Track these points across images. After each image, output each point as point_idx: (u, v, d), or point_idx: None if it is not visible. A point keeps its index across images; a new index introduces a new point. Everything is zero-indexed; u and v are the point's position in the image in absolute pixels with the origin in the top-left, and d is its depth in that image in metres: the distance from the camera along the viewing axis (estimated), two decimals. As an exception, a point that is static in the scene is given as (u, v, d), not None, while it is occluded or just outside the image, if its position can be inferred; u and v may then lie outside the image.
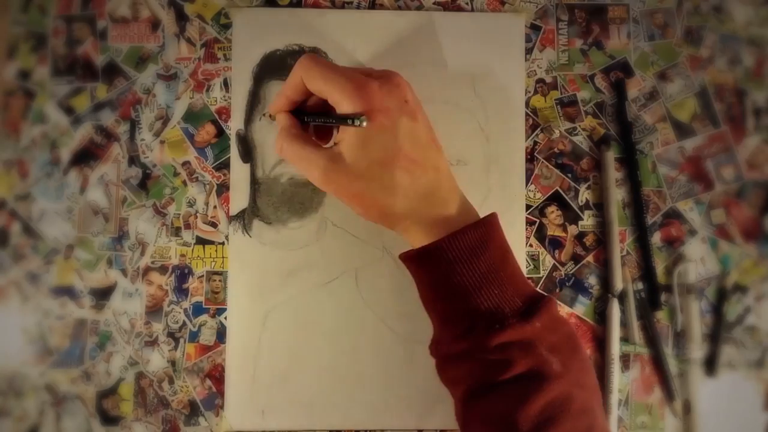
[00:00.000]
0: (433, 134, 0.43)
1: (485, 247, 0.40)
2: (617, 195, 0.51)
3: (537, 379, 0.38)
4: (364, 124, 0.39)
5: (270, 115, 0.47)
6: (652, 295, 0.50)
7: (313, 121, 0.43)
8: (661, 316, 0.50)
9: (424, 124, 0.43)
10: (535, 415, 0.37)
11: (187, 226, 0.51)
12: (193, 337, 0.50)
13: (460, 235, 0.40)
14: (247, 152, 0.51)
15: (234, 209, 0.50)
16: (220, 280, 0.50)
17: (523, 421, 0.37)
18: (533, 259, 0.51)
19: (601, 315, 0.50)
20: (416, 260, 0.42)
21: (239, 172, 0.51)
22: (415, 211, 0.41)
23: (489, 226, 0.41)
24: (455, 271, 0.39)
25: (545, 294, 0.41)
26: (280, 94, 0.44)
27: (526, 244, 0.51)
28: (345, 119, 0.39)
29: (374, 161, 0.40)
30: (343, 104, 0.40)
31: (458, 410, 0.42)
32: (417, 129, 0.41)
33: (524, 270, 0.50)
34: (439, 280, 0.40)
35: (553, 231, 0.51)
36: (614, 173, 0.51)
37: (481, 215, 0.42)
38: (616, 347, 0.49)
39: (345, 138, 0.40)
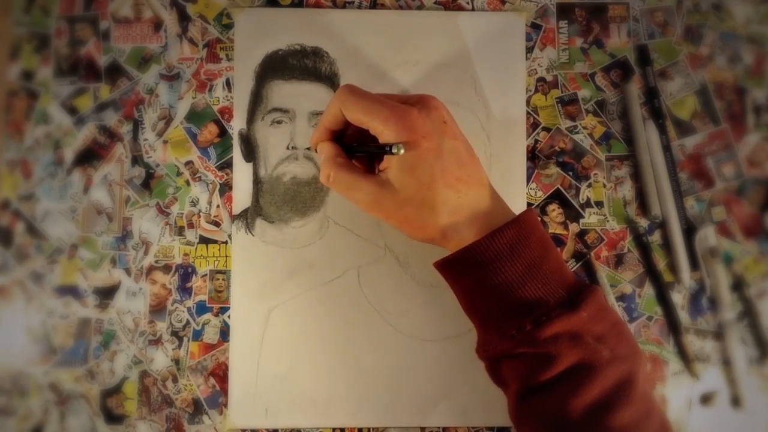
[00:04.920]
0: (472, 150, 0.44)
1: (525, 243, 0.40)
2: (620, 194, 0.51)
3: (587, 369, 0.38)
4: (402, 151, 0.40)
5: (311, 148, 0.48)
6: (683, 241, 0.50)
7: (354, 152, 0.45)
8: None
9: (463, 141, 0.43)
10: (587, 405, 0.37)
11: (191, 226, 0.51)
12: (197, 335, 0.50)
13: (497, 234, 0.40)
14: (250, 152, 0.51)
15: (237, 208, 0.51)
16: (223, 279, 0.50)
17: (573, 413, 0.37)
18: (535, 256, 0.51)
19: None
20: (454, 265, 0.42)
21: (242, 172, 0.51)
22: (462, 226, 0.41)
23: (526, 222, 0.41)
24: (497, 270, 0.40)
25: (589, 283, 0.41)
26: (319, 125, 0.45)
27: (528, 242, 0.51)
28: (383, 148, 0.41)
29: (423, 185, 0.41)
30: (385, 134, 0.41)
31: (512, 409, 0.41)
32: (458, 147, 0.42)
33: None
34: (480, 282, 0.41)
35: (554, 229, 0.51)
36: (639, 107, 0.51)
37: None
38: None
39: (392, 165, 0.41)
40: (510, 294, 0.40)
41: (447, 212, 0.41)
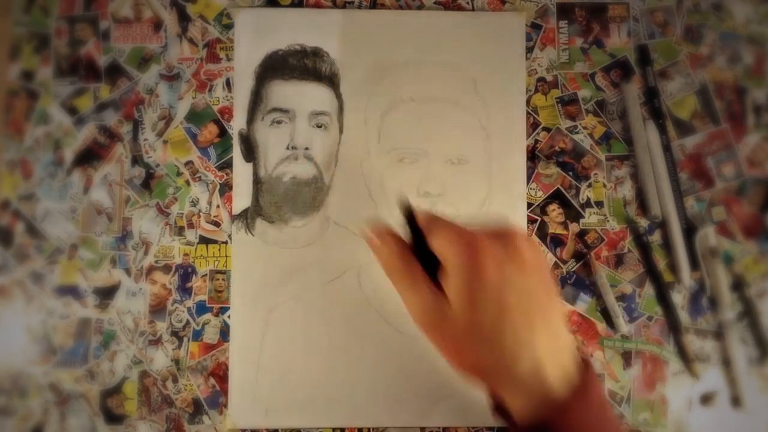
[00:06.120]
0: (549, 292, 0.38)
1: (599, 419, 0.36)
2: (620, 194, 0.51)
3: None
4: None
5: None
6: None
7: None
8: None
9: (539, 280, 0.38)
10: None
11: (191, 226, 0.51)
12: (197, 335, 0.50)
13: (568, 413, 0.35)
14: (250, 152, 0.51)
15: (237, 208, 0.51)
16: (223, 279, 0.50)
17: None
18: (535, 256, 0.51)
19: (603, 312, 0.51)
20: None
21: (242, 172, 0.51)
22: (511, 370, 0.36)
23: (593, 400, 0.36)
24: None
25: None
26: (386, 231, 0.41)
27: (528, 242, 0.51)
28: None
29: (481, 318, 0.36)
30: (449, 258, 0.37)
31: None
32: (529, 284, 0.37)
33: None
34: None
35: (554, 229, 0.51)
36: (639, 107, 0.51)
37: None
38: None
39: (451, 288, 0.37)
40: None
41: (501, 353, 0.36)
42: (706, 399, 0.50)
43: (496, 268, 0.36)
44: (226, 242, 0.51)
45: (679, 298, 0.51)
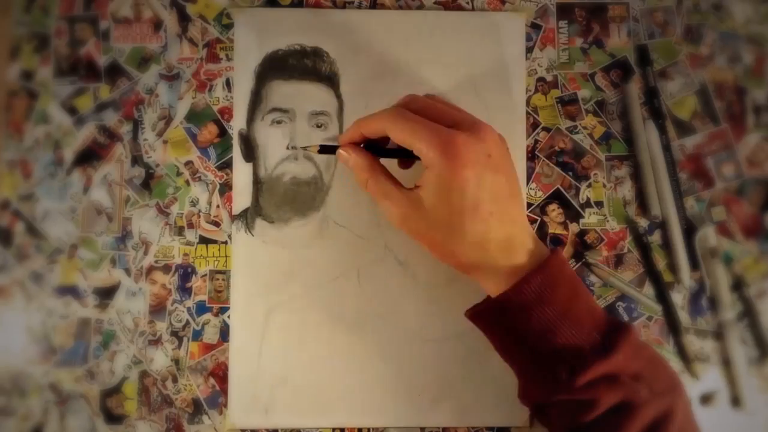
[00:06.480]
0: (515, 187, 0.43)
1: (553, 289, 0.40)
2: (620, 194, 0.51)
3: (626, 409, 0.38)
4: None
5: (303, 147, 0.49)
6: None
7: (381, 155, 0.45)
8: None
9: (506, 177, 0.42)
10: None
11: (190, 226, 0.51)
12: (197, 335, 0.50)
13: (524, 282, 0.40)
14: (250, 152, 0.51)
15: (237, 208, 0.51)
16: (223, 279, 0.50)
17: None
18: (535, 256, 0.51)
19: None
20: (483, 315, 0.42)
21: (242, 172, 0.51)
22: (489, 261, 0.41)
23: (553, 266, 0.41)
24: (526, 319, 0.40)
25: (622, 321, 0.42)
26: (353, 130, 0.44)
27: (528, 242, 0.51)
28: (412, 154, 0.41)
29: (454, 212, 0.40)
30: (429, 156, 0.40)
31: None
32: (498, 182, 0.41)
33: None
34: (512, 331, 0.41)
35: (554, 229, 0.51)
36: (638, 107, 0.51)
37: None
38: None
39: (427, 184, 0.41)
40: (542, 342, 0.39)
41: (474, 245, 0.41)
42: (706, 399, 0.50)
43: (472, 168, 0.40)
44: (226, 242, 0.51)
45: (679, 298, 0.51)
